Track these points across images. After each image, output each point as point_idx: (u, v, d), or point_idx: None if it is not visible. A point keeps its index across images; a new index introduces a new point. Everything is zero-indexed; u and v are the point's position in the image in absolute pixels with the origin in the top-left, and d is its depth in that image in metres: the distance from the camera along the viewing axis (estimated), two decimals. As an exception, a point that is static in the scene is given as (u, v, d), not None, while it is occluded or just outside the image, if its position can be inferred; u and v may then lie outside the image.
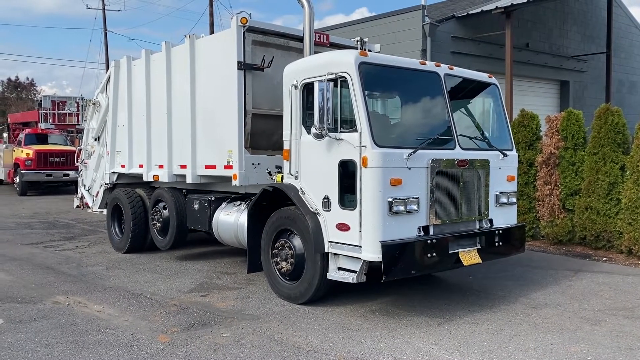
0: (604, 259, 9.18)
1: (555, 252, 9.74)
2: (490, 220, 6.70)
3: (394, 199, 5.56)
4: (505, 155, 6.84)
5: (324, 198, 5.99)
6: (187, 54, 8.22)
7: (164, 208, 9.06)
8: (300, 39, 7.74)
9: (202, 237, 10.02)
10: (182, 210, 8.79)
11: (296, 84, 6.35)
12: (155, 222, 9.22)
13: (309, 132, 6.20)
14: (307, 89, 6.29)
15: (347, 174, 5.79)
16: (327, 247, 5.99)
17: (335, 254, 6.00)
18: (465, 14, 14.51)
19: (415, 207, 5.74)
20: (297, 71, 6.46)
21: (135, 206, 9.66)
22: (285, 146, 6.53)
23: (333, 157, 5.89)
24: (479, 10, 14.36)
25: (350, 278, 5.72)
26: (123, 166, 10.02)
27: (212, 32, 24.68)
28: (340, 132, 5.81)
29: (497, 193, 6.75)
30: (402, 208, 5.62)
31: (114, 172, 10.35)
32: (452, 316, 6.08)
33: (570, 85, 19.08)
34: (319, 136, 5.81)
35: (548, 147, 10.09)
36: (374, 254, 5.50)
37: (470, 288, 7.30)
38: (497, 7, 13.56)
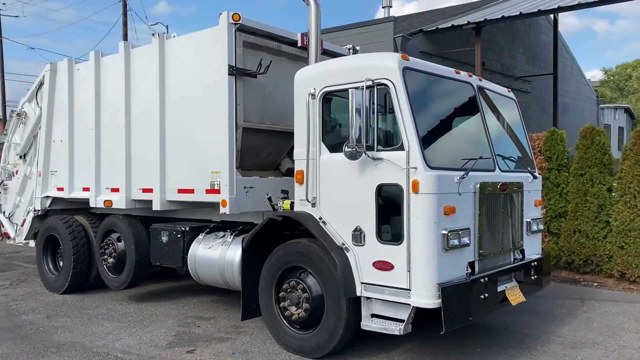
0: (595, 284, 8.81)
1: (542, 278, 9.27)
2: (522, 251, 5.97)
3: (449, 231, 4.63)
4: (535, 177, 6.17)
5: (355, 230, 4.94)
6: (155, 56, 6.88)
7: (119, 240, 7.56)
8: (293, 43, 6.78)
9: (152, 271, 8.45)
10: (142, 242, 7.37)
11: (314, 93, 5.27)
12: (106, 257, 7.67)
13: (330, 150, 5.18)
14: (329, 99, 5.25)
15: (388, 200, 4.79)
16: (360, 290, 4.92)
17: (368, 298, 4.95)
18: (434, 28, 13.95)
19: (467, 240, 4.85)
20: (314, 77, 5.38)
21: (77, 237, 8.10)
22: (298, 167, 5.41)
23: (369, 181, 4.86)
24: (449, 24, 13.84)
25: (396, 329, 4.65)
26: (61, 189, 8.34)
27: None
28: (378, 150, 4.81)
29: (529, 220, 6.04)
30: (456, 242, 4.71)
31: (47, 197, 8.62)
32: (496, 364, 5.24)
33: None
34: (353, 156, 4.77)
35: (532, 168, 9.67)
36: (429, 300, 4.51)
37: (491, 325, 6.51)
38: (469, 22, 13.14)
